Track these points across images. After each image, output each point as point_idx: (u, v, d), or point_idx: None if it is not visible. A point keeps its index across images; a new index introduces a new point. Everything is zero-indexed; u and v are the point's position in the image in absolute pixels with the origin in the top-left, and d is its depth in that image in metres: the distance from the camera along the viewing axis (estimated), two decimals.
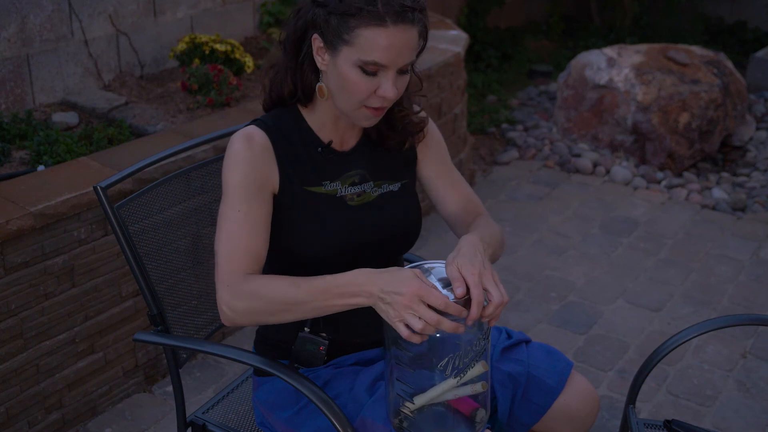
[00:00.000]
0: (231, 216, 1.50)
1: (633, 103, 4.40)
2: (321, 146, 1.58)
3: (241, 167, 1.50)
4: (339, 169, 1.59)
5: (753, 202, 4.10)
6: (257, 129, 1.54)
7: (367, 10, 1.38)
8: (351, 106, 1.49)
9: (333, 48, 1.44)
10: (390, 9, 1.38)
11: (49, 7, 3.14)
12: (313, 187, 1.56)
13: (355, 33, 1.40)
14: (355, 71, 1.43)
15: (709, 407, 2.66)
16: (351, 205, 1.59)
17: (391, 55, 1.42)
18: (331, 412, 1.48)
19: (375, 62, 1.42)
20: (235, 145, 1.52)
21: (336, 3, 1.40)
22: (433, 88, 3.70)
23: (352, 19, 1.39)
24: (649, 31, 6.75)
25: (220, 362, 2.80)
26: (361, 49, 1.41)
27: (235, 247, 1.48)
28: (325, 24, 1.43)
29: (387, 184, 1.64)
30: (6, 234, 2.16)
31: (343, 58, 1.43)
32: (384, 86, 1.45)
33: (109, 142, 2.87)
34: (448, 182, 1.74)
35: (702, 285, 3.38)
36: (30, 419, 2.36)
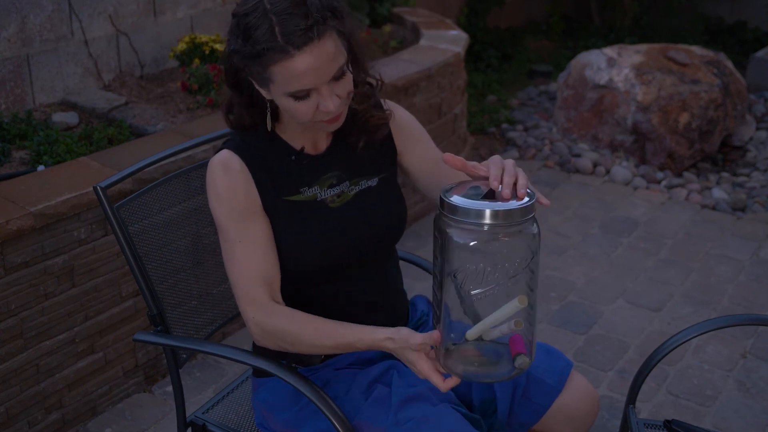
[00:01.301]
0: (234, 248, 1.52)
1: (633, 103, 4.40)
2: (294, 154, 1.58)
3: (224, 198, 1.53)
4: (315, 174, 1.59)
5: (753, 202, 4.10)
6: (230, 153, 1.54)
7: (268, 48, 1.37)
8: (305, 124, 1.50)
9: (263, 85, 1.46)
10: (290, 38, 1.36)
11: (49, 7, 3.14)
12: (292, 196, 1.57)
13: (270, 71, 1.40)
14: (290, 100, 1.43)
15: (709, 407, 2.66)
16: (332, 207, 1.59)
17: (312, 77, 1.40)
18: (331, 412, 1.49)
19: (300, 90, 1.41)
20: (212, 176, 1.54)
21: (243, 48, 1.40)
22: (433, 88, 3.70)
23: (261, 59, 1.39)
24: (649, 31, 6.75)
25: (220, 362, 2.80)
26: (282, 82, 1.41)
27: (250, 278, 1.52)
28: (246, 68, 1.44)
29: (364, 180, 1.63)
30: (6, 234, 2.16)
31: (274, 92, 1.45)
32: (323, 103, 1.44)
33: (109, 142, 2.87)
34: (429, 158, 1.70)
35: (702, 285, 3.38)
36: (30, 419, 2.36)
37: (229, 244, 1.53)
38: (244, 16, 1.40)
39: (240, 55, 1.42)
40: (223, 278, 1.94)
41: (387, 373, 1.61)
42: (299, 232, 1.56)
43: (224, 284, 1.94)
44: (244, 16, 1.40)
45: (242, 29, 1.40)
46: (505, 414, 1.65)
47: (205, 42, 3.40)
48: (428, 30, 4.25)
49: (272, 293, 1.54)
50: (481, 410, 1.66)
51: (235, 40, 1.42)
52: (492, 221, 1.26)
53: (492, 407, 1.67)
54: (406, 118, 1.72)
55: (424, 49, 3.92)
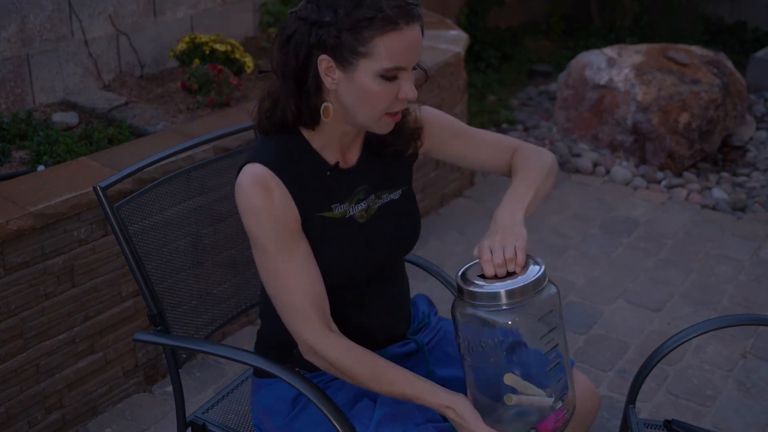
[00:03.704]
0: (278, 268, 1.48)
1: (633, 103, 4.40)
2: (329, 170, 1.54)
3: (264, 220, 1.46)
4: (346, 189, 1.56)
5: (753, 202, 4.10)
6: (264, 169, 1.47)
7: (379, 17, 1.36)
8: (373, 116, 1.47)
9: (347, 64, 1.41)
10: (399, 11, 1.37)
11: (49, 7, 3.14)
12: (326, 212, 1.53)
13: (372, 43, 1.38)
14: (377, 81, 1.41)
15: (709, 407, 2.66)
16: (360, 222, 1.58)
17: (410, 55, 1.42)
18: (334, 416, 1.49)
19: (396, 67, 1.41)
20: (248, 195, 1.46)
21: (345, 18, 1.37)
22: (433, 88, 3.70)
23: (366, 30, 1.37)
24: (649, 31, 6.75)
25: (220, 362, 2.80)
26: (381, 57, 1.39)
27: (300, 299, 1.48)
28: (335, 42, 1.39)
29: (387, 193, 1.62)
30: (6, 234, 2.16)
31: (361, 72, 1.41)
32: (405, 88, 1.44)
33: (109, 142, 2.87)
34: (471, 146, 1.71)
35: (702, 285, 3.38)
36: (30, 419, 2.36)
37: (272, 263, 1.48)
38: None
39: (338, 25, 1.37)
40: (223, 278, 1.94)
41: None
42: (330, 249, 1.53)
43: (224, 284, 1.94)
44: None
45: (340, 2, 1.37)
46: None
47: (205, 42, 3.40)
48: (428, 30, 4.22)
49: (326, 319, 1.50)
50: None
51: (327, 12, 1.39)
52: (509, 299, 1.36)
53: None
54: (433, 115, 1.70)
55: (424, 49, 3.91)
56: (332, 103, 1.47)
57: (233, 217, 1.96)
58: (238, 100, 3.27)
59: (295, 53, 1.43)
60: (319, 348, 1.48)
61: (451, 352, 1.75)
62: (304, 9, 1.42)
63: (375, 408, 1.55)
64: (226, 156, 1.94)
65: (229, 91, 3.20)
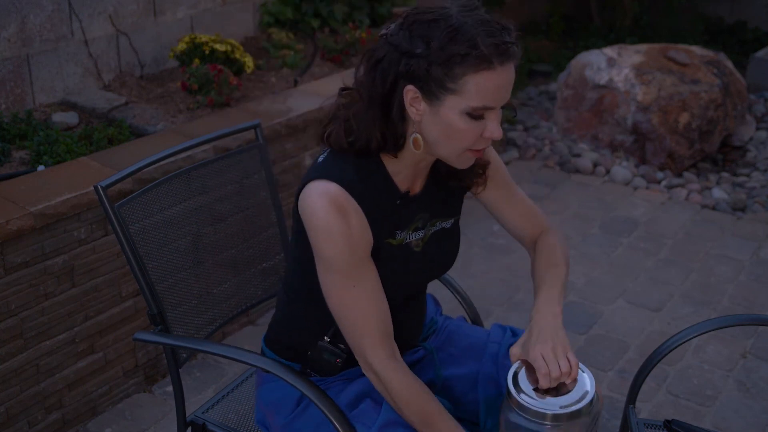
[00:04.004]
0: (350, 291, 1.46)
1: (633, 103, 4.40)
2: (399, 197, 1.51)
3: (339, 242, 1.42)
4: (409, 216, 1.54)
5: (753, 202, 4.10)
6: (340, 190, 1.43)
7: (473, 55, 1.32)
8: (455, 152, 1.44)
9: (434, 98, 1.37)
10: (495, 49, 1.33)
11: (49, 7, 3.14)
12: (390, 239, 1.52)
13: (462, 81, 1.34)
14: (463, 118, 1.37)
15: (709, 407, 2.66)
16: (416, 250, 1.57)
17: (501, 94, 1.38)
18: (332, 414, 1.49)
19: (485, 107, 1.37)
20: (323, 215, 1.42)
21: (437, 52, 1.33)
22: None
23: (458, 66, 1.33)
24: (649, 31, 6.75)
25: (220, 362, 2.80)
26: (470, 95, 1.35)
27: (370, 324, 1.47)
28: (424, 75, 1.35)
29: (441, 221, 1.61)
30: (6, 234, 2.16)
31: (447, 108, 1.37)
32: (491, 127, 1.40)
33: (109, 142, 2.87)
34: (509, 202, 1.71)
35: (702, 285, 3.38)
36: (30, 419, 2.36)
37: (342, 286, 1.45)
38: (432, 22, 1.34)
39: (430, 59, 1.34)
40: (224, 278, 1.94)
41: None
42: (387, 275, 1.52)
43: (224, 284, 1.94)
44: (433, 22, 1.34)
45: (434, 32, 1.33)
46: None
47: (205, 42, 3.40)
48: None
49: (392, 346, 1.50)
50: (486, 406, 1.67)
51: (419, 42, 1.35)
52: (556, 422, 1.41)
53: (497, 404, 1.68)
54: (494, 155, 1.68)
55: None
56: (419, 134, 1.43)
57: (233, 217, 1.96)
58: (238, 100, 3.27)
59: (382, 79, 1.39)
60: (382, 375, 1.48)
61: (454, 353, 1.75)
62: (395, 35, 1.38)
63: (380, 410, 1.55)
64: (226, 156, 1.94)
65: (229, 91, 3.20)
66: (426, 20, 1.35)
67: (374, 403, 1.57)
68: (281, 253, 2.07)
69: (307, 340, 1.63)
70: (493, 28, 1.34)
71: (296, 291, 1.63)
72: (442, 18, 1.35)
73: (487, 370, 1.71)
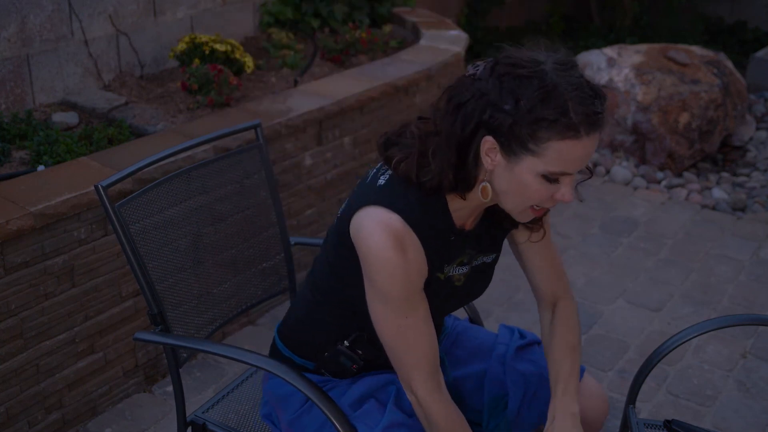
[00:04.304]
0: (400, 321, 1.44)
1: (633, 103, 4.40)
2: (454, 233, 1.49)
3: (395, 274, 1.40)
4: (457, 252, 1.53)
5: (753, 202, 4.10)
6: (402, 222, 1.40)
7: (562, 122, 1.29)
8: (520, 207, 1.42)
9: (512, 154, 1.34)
10: (584, 119, 1.29)
11: (49, 7, 3.14)
12: (438, 273, 1.51)
13: (545, 145, 1.31)
14: (537, 179, 1.35)
15: (709, 407, 2.66)
16: (457, 285, 1.56)
17: (580, 162, 1.35)
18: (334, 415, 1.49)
19: (563, 172, 1.34)
20: (380, 245, 1.39)
21: (524, 113, 1.30)
22: (433, 88, 3.70)
23: (544, 130, 1.30)
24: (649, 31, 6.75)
25: (220, 362, 2.80)
26: (550, 161, 1.32)
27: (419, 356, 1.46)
28: (507, 131, 1.32)
29: (482, 256, 1.59)
30: (6, 234, 2.16)
31: (524, 166, 1.34)
32: (564, 191, 1.37)
33: (109, 142, 2.87)
34: (541, 253, 1.67)
35: (702, 285, 3.38)
36: (30, 419, 2.36)
37: (395, 317, 1.44)
38: (525, 79, 1.31)
39: (516, 117, 1.30)
40: (224, 278, 1.94)
41: (385, 389, 1.61)
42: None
43: (224, 284, 1.94)
44: (526, 79, 1.31)
45: (525, 91, 1.30)
46: (514, 412, 1.67)
47: (205, 42, 3.40)
48: (428, 30, 4.25)
49: (439, 377, 1.50)
50: (490, 406, 1.67)
51: (508, 98, 1.31)
52: None
53: (501, 405, 1.68)
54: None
55: (424, 49, 3.92)
56: (489, 183, 1.40)
57: (233, 217, 1.96)
58: (238, 100, 3.27)
59: (462, 123, 1.36)
60: (425, 405, 1.48)
61: (462, 354, 1.76)
62: (485, 82, 1.35)
63: (385, 411, 1.55)
64: (226, 156, 1.94)
65: (229, 91, 3.20)
66: (519, 75, 1.31)
67: (378, 404, 1.57)
68: (281, 253, 2.07)
69: (327, 341, 1.62)
70: (586, 95, 1.30)
71: (324, 294, 1.61)
72: (536, 76, 1.31)
73: (494, 371, 1.71)
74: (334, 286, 1.57)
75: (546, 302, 1.70)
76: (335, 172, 3.27)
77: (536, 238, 1.62)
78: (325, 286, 1.60)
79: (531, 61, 1.33)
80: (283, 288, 2.09)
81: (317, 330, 1.64)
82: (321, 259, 1.62)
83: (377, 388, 1.60)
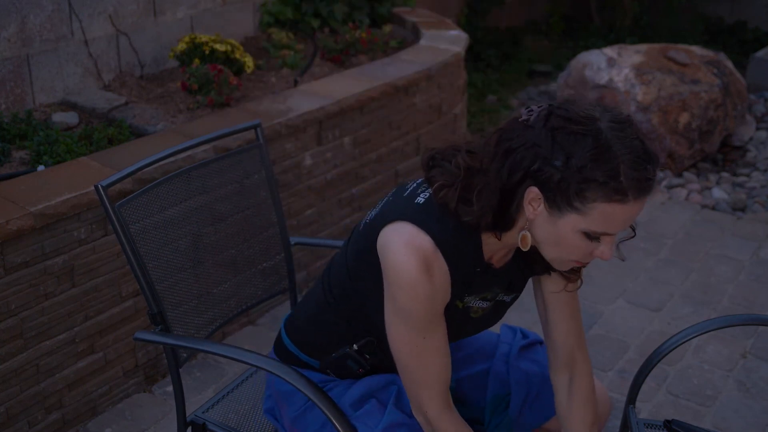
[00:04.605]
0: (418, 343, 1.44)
1: (633, 103, 4.40)
2: (482, 267, 1.47)
3: (419, 296, 1.39)
4: (482, 287, 1.51)
5: (753, 202, 4.10)
6: (433, 245, 1.39)
7: (611, 185, 1.26)
8: (557, 258, 1.41)
9: (556, 208, 1.32)
10: (634, 184, 1.27)
11: (49, 7, 3.14)
12: (457, 300, 1.49)
13: (591, 205, 1.29)
14: (578, 236, 1.33)
15: (709, 407, 2.66)
16: (473, 317, 1.55)
17: (623, 225, 1.33)
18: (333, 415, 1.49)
19: (605, 233, 1.33)
20: (407, 266, 1.38)
21: (574, 171, 1.27)
22: (433, 88, 3.70)
23: (592, 191, 1.27)
24: (649, 31, 6.75)
25: (220, 362, 2.80)
26: (594, 220, 1.30)
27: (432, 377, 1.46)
28: (554, 186, 1.30)
29: (502, 293, 1.57)
30: (6, 234, 2.16)
31: (566, 222, 1.32)
32: (603, 249, 1.36)
33: (109, 142, 2.87)
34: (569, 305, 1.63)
35: (702, 285, 3.38)
36: (30, 419, 2.36)
37: (413, 337, 1.43)
38: (579, 137, 1.28)
39: (565, 174, 1.28)
40: (224, 278, 1.94)
41: (386, 389, 1.60)
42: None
43: (224, 284, 1.94)
44: (581, 137, 1.28)
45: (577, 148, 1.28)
46: (516, 412, 1.67)
47: (205, 42, 3.40)
48: (428, 30, 4.25)
49: (448, 396, 1.50)
50: (492, 405, 1.68)
51: (560, 154, 1.29)
52: None
53: (503, 404, 1.69)
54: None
55: (424, 49, 3.92)
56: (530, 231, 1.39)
57: (233, 217, 1.96)
58: (238, 100, 3.27)
59: (509, 170, 1.34)
60: (435, 424, 1.48)
61: (465, 355, 1.76)
62: (537, 132, 1.32)
63: (385, 412, 1.55)
64: (226, 156, 1.94)
65: (229, 91, 3.20)
66: (573, 132, 1.29)
67: (379, 404, 1.57)
68: (281, 253, 2.07)
69: (335, 342, 1.62)
70: (639, 159, 1.28)
71: (339, 299, 1.59)
72: (591, 135, 1.28)
73: (498, 369, 1.72)
74: (349, 291, 1.56)
75: (562, 362, 1.64)
76: (335, 172, 3.27)
77: (572, 288, 1.59)
78: (340, 288, 1.58)
79: (586, 117, 1.30)
80: (283, 288, 2.09)
81: (326, 330, 1.63)
82: (339, 261, 1.60)
83: (379, 388, 1.59)
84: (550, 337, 1.64)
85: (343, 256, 1.58)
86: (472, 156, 1.39)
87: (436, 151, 1.45)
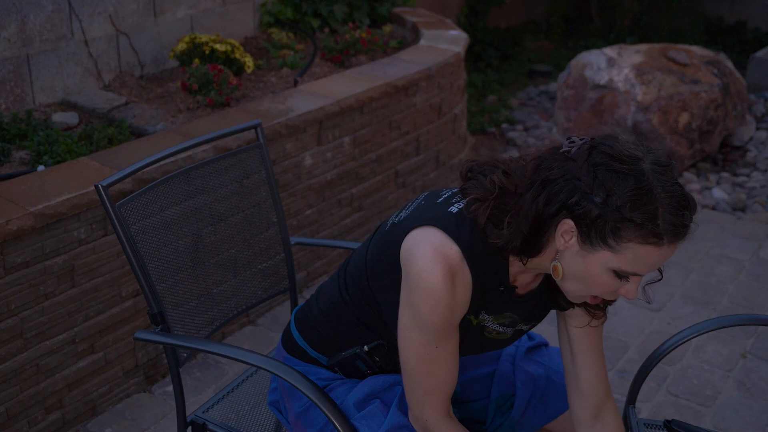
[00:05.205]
0: (429, 350, 1.42)
1: (633, 103, 4.40)
2: (505, 287, 1.46)
3: (439, 305, 1.37)
4: (501, 307, 1.49)
5: (753, 202, 4.10)
6: (460, 255, 1.38)
7: (648, 227, 1.26)
8: (579, 293, 1.39)
9: (588, 244, 1.31)
10: (671, 229, 1.27)
11: (49, 7, 3.14)
12: (471, 316, 1.47)
13: (625, 245, 1.28)
14: (607, 273, 1.32)
15: (709, 407, 2.66)
16: (487, 336, 1.54)
17: (655, 267, 1.32)
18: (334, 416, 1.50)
19: (635, 273, 1.32)
20: (435, 280, 1.36)
21: (613, 209, 1.26)
22: (433, 88, 3.70)
23: (628, 231, 1.27)
24: (649, 31, 6.75)
25: (220, 362, 2.80)
26: (625, 260, 1.29)
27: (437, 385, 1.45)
28: (590, 222, 1.29)
29: (523, 324, 1.55)
30: (6, 234, 2.16)
31: (597, 258, 1.31)
32: (629, 288, 1.34)
33: (109, 142, 2.87)
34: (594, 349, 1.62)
35: (702, 285, 3.38)
36: (30, 419, 2.36)
37: (426, 344, 1.42)
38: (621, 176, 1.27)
39: (603, 211, 1.27)
40: (224, 278, 1.94)
41: (391, 389, 1.60)
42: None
43: (224, 284, 1.94)
44: (623, 176, 1.27)
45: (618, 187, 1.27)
46: (519, 413, 1.67)
47: (205, 42, 3.40)
48: (428, 30, 4.25)
49: (449, 404, 1.50)
50: (496, 404, 1.68)
51: (600, 190, 1.27)
52: None
53: (508, 403, 1.69)
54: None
55: (424, 49, 3.92)
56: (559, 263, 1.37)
57: (233, 217, 1.96)
58: (238, 100, 3.27)
59: (546, 200, 1.32)
60: (434, 427, 1.47)
61: (467, 359, 1.75)
62: (578, 165, 1.31)
63: (388, 413, 1.55)
64: (226, 156, 1.94)
65: (229, 91, 3.20)
66: (616, 170, 1.28)
67: (383, 405, 1.56)
68: (281, 253, 2.07)
69: (346, 341, 1.61)
70: (678, 204, 1.28)
71: (355, 299, 1.58)
72: (633, 175, 1.27)
73: (504, 370, 1.72)
74: (365, 291, 1.55)
75: (588, 409, 1.60)
76: (335, 172, 3.27)
77: (596, 323, 1.57)
78: (356, 286, 1.57)
79: (630, 156, 1.29)
80: (283, 288, 2.09)
81: (338, 328, 1.62)
82: (358, 259, 1.58)
83: (383, 389, 1.59)
84: (577, 384, 1.61)
85: (361, 254, 1.57)
86: (509, 178, 1.38)
87: (476, 163, 1.44)
